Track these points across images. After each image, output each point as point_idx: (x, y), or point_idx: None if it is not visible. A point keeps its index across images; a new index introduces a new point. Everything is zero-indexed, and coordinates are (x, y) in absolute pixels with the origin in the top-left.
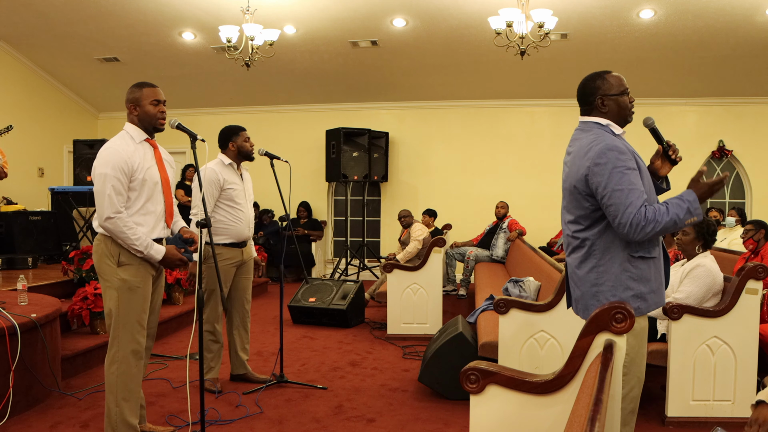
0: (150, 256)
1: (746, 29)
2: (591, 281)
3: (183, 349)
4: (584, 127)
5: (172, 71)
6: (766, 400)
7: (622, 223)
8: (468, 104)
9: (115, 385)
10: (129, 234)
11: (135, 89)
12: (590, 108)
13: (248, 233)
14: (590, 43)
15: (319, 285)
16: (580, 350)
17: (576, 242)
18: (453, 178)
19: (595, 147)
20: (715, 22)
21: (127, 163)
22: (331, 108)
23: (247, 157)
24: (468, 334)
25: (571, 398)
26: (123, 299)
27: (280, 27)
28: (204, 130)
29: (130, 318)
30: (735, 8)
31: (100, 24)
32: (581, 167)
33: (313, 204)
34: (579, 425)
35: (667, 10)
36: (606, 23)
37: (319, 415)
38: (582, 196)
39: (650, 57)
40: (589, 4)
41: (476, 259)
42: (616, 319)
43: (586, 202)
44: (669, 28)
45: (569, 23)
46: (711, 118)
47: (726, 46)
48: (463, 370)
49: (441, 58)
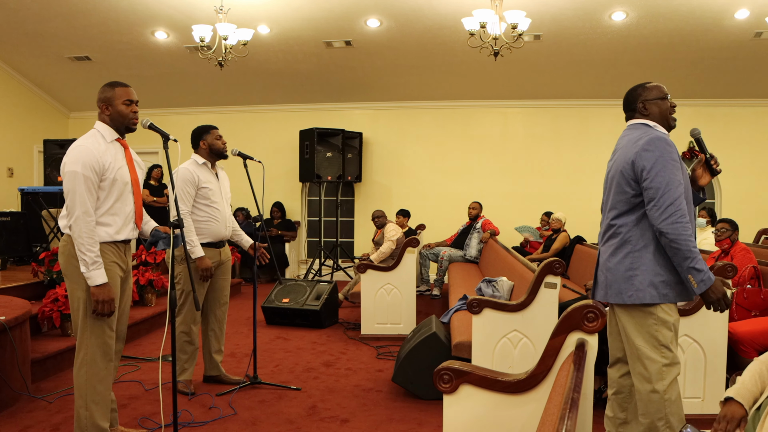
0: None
1: (715, 32)
2: (626, 266)
3: (156, 351)
4: (632, 127)
5: (144, 70)
6: (735, 396)
7: (657, 205)
8: (442, 105)
9: (84, 388)
10: (89, 242)
11: (107, 88)
12: (634, 113)
13: (226, 233)
14: (563, 44)
15: (293, 286)
16: (552, 349)
17: (612, 229)
18: (427, 179)
19: (645, 137)
20: (686, 25)
21: (98, 161)
22: (304, 108)
23: (219, 155)
24: (441, 334)
25: (544, 397)
26: (91, 301)
27: (254, 27)
28: (177, 130)
29: (97, 320)
30: (705, 12)
31: (72, 22)
32: (630, 153)
33: (287, 204)
34: (551, 424)
35: (639, 12)
36: (579, 25)
37: (292, 416)
38: (625, 180)
39: (622, 58)
40: (562, 5)
41: (450, 259)
42: (588, 318)
43: (628, 186)
44: (640, 30)
45: (542, 24)
46: (682, 119)
47: (696, 48)
48: (437, 369)
49: (415, 58)
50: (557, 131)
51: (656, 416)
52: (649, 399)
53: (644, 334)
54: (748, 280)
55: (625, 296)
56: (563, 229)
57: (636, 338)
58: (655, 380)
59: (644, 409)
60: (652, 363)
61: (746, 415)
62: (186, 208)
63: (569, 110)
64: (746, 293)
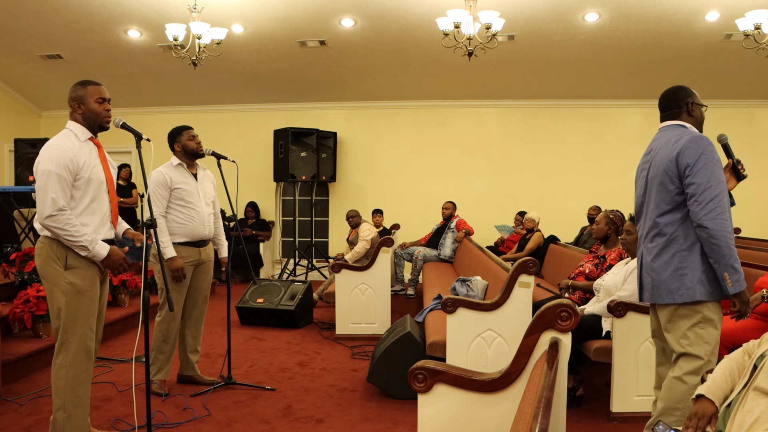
0: (96, 252)
1: (687, 33)
2: (674, 266)
3: (129, 352)
4: (669, 128)
5: (117, 69)
6: (706, 394)
7: (698, 200)
8: (416, 104)
9: (63, 390)
10: (73, 231)
11: (79, 87)
12: (678, 112)
13: (204, 232)
14: (537, 44)
15: (267, 286)
16: (526, 348)
17: (657, 228)
18: (401, 178)
19: (686, 136)
20: (658, 27)
21: (72, 160)
22: (279, 108)
23: (194, 155)
24: (416, 334)
25: (518, 395)
26: (72, 303)
27: (228, 26)
28: (150, 130)
29: (79, 322)
30: (676, 13)
31: (43, 20)
32: (672, 152)
33: (261, 204)
34: (525, 422)
35: (612, 13)
36: (552, 25)
37: (267, 416)
38: (669, 178)
39: (595, 59)
40: (536, 6)
41: (424, 258)
42: (561, 317)
43: (671, 184)
44: (613, 31)
45: (516, 25)
46: (654, 119)
47: (668, 49)
48: (411, 369)
49: (389, 58)
50: (531, 131)
51: (675, 404)
52: (676, 387)
53: (690, 332)
54: None
55: (676, 295)
56: (537, 229)
57: (680, 336)
58: (689, 373)
59: (666, 395)
60: (694, 360)
61: (717, 412)
62: (158, 210)
63: (543, 110)
64: None
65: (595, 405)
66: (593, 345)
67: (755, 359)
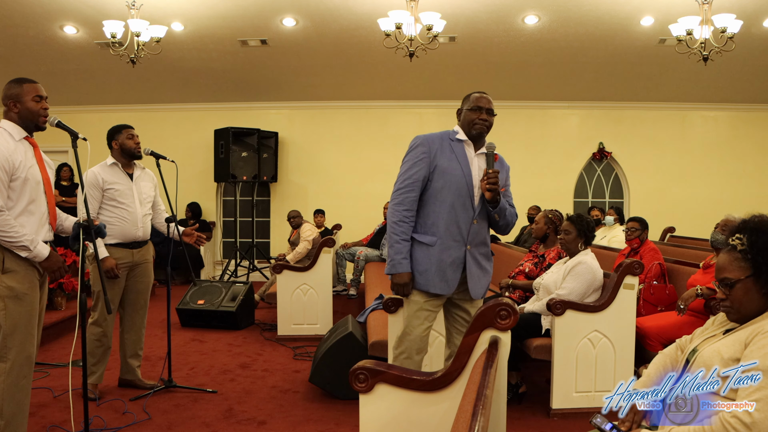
0: (38, 252)
1: (623, 37)
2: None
3: (66, 357)
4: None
5: (52, 66)
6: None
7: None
8: (357, 105)
9: (2, 398)
10: (12, 232)
11: (14, 85)
12: None
13: (137, 233)
14: (477, 46)
15: (208, 287)
16: (466, 347)
17: None
18: (343, 179)
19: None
20: (595, 30)
21: (8, 160)
22: (219, 107)
23: (131, 155)
24: (358, 334)
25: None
26: (11, 308)
27: (168, 24)
28: (87, 129)
29: (19, 328)
30: (613, 18)
31: None
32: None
33: (202, 205)
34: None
35: (551, 17)
36: (493, 27)
37: (209, 419)
38: None
39: (535, 61)
40: (477, 8)
41: (366, 258)
42: (501, 315)
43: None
44: (552, 34)
45: (457, 27)
46: (592, 121)
47: (605, 52)
48: (352, 369)
49: (331, 58)
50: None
51: None
52: None
53: None
54: (655, 278)
55: None
56: None
57: None
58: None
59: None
60: None
61: None
62: (92, 210)
63: None
64: (653, 289)
65: (536, 402)
66: (533, 343)
67: (687, 354)
